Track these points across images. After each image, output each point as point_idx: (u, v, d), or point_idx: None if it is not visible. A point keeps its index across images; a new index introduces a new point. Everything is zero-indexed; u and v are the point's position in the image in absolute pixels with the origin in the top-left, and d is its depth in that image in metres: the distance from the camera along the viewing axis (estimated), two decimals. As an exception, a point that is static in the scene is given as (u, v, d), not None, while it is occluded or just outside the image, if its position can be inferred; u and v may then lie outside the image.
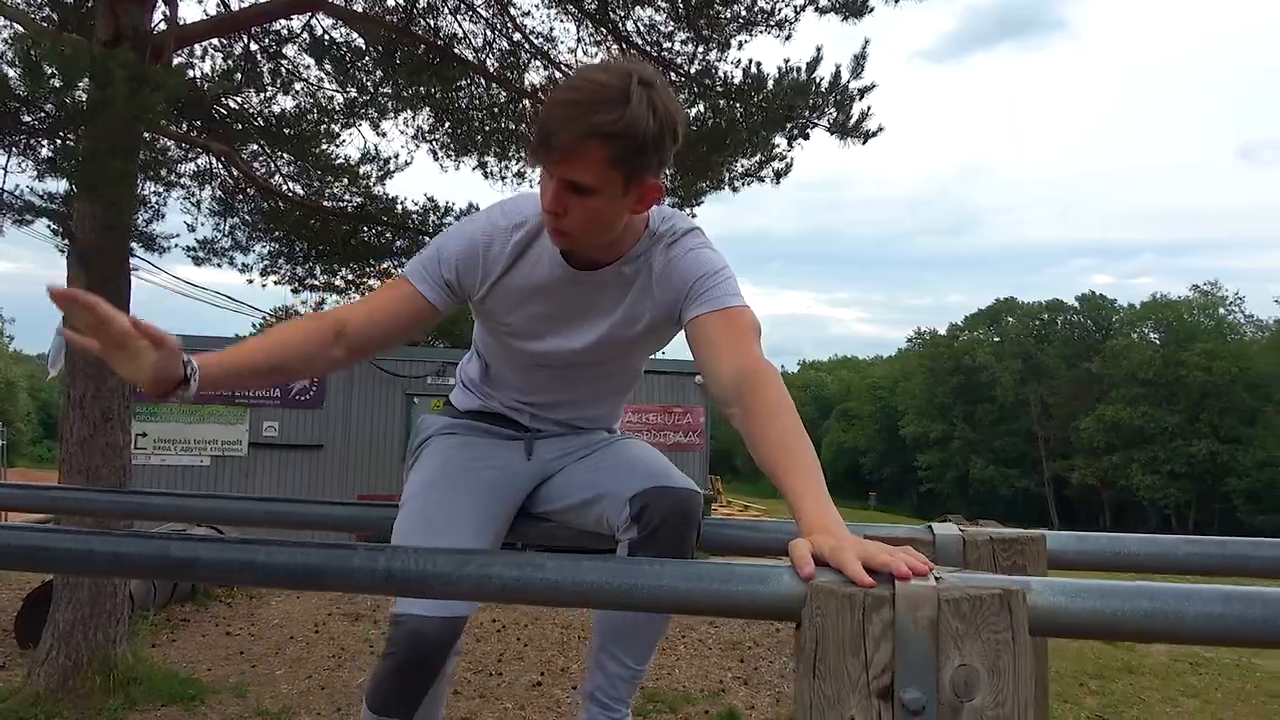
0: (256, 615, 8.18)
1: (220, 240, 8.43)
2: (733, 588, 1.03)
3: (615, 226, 1.47)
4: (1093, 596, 0.97)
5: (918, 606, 0.90)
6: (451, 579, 1.10)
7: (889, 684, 0.91)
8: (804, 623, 0.99)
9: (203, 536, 1.18)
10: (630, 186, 1.39)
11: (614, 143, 1.32)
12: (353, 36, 7.74)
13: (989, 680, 0.91)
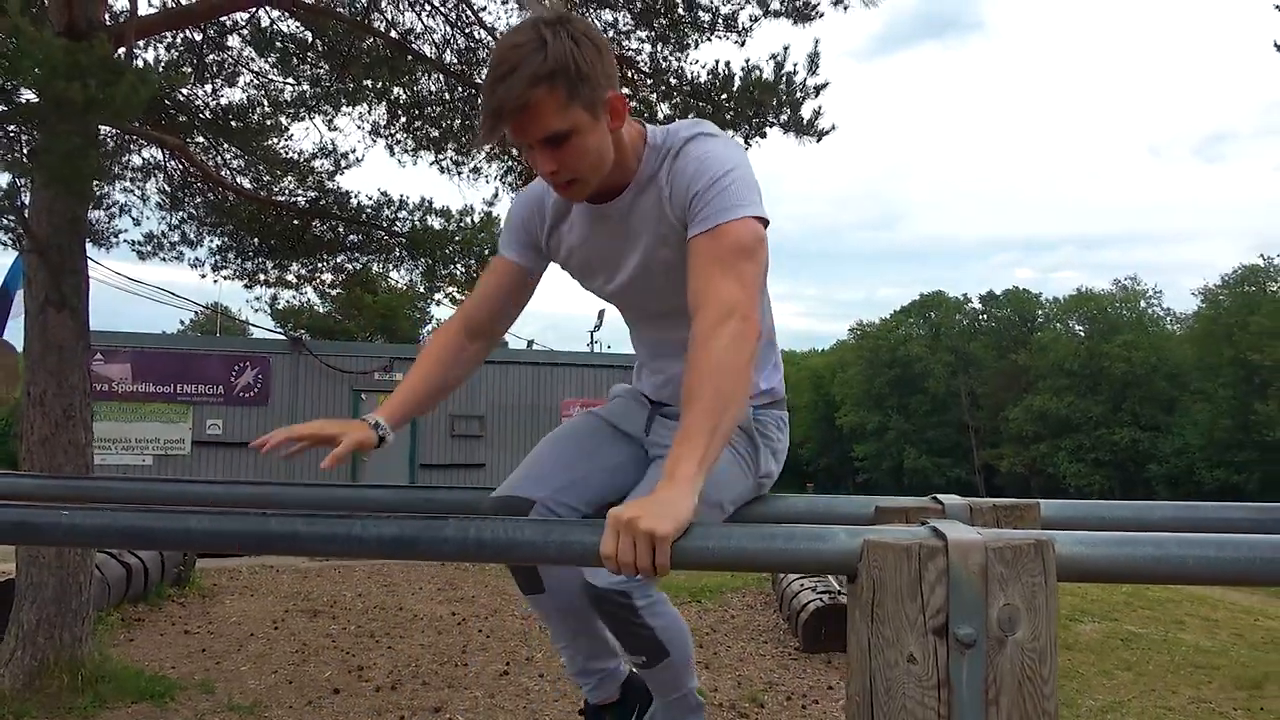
0: (213, 613, 8.10)
1: (168, 235, 8.31)
2: (796, 545, 1.17)
3: (608, 152, 1.48)
4: (1108, 545, 1.13)
5: (968, 554, 1.05)
6: (537, 545, 1.22)
7: (944, 623, 1.05)
8: (860, 575, 1.13)
9: (301, 512, 1.27)
10: (596, 110, 1.42)
11: (554, 80, 1.35)
12: (299, 29, 7.69)
13: (1027, 617, 1.06)
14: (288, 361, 13.56)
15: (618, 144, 1.51)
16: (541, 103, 1.36)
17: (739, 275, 1.38)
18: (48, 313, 5.24)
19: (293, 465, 13.08)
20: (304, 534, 1.23)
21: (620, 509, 1.17)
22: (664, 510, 1.16)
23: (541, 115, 1.38)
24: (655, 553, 1.14)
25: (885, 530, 1.16)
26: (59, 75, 3.66)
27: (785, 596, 8.34)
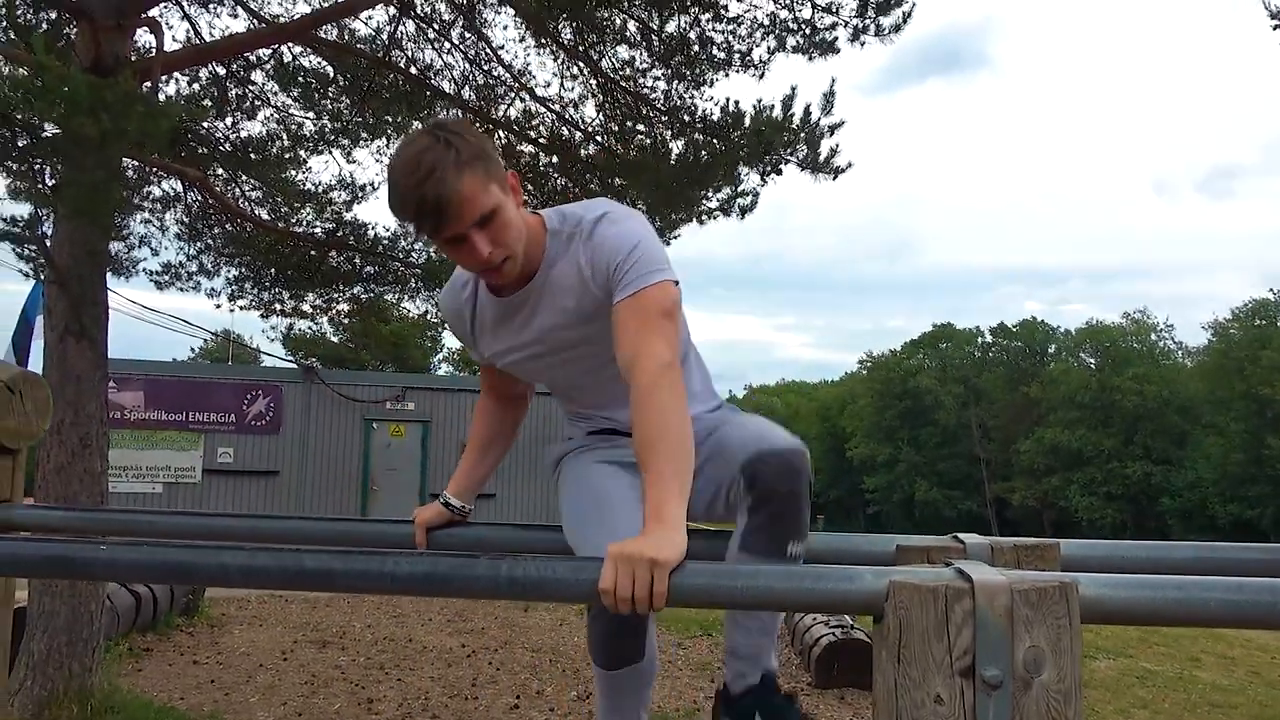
0: (221, 643, 8.09)
1: (185, 265, 8.40)
2: (824, 585, 1.18)
3: (523, 226, 1.60)
4: (1131, 588, 1.15)
5: (994, 596, 1.07)
6: (568, 583, 1.24)
7: (970, 664, 1.07)
8: (887, 615, 1.14)
9: (335, 550, 1.30)
10: (504, 187, 1.56)
11: (474, 165, 1.49)
12: (320, 64, 7.82)
13: (1053, 659, 1.07)
14: (300, 390, 13.63)
15: (524, 224, 1.63)
16: (471, 187, 1.49)
17: (664, 334, 1.52)
18: (67, 342, 5.30)
19: (304, 498, 13.11)
20: (338, 571, 1.26)
21: (618, 543, 1.22)
22: (662, 541, 1.22)
23: (474, 198, 1.49)
24: (654, 581, 1.18)
25: (911, 571, 1.18)
26: (80, 111, 3.73)
27: (797, 631, 8.29)
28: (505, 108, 6.52)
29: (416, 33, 6.59)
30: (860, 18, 5.49)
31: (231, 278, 8.08)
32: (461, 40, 7.02)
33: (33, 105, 3.46)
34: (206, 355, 46.21)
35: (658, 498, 1.31)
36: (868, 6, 5.40)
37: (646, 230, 1.64)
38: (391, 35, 6.42)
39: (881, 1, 5.24)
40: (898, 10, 5.40)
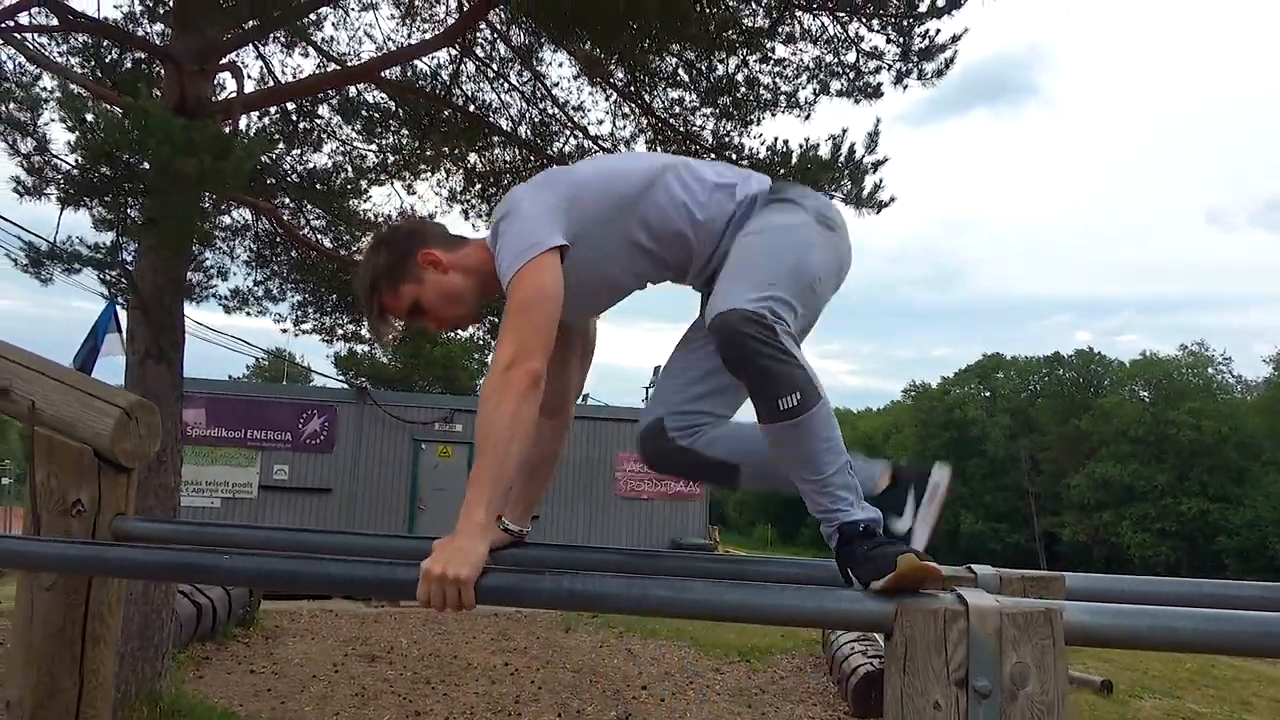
0: (276, 654, 8.38)
1: (253, 290, 8.79)
2: (840, 606, 1.37)
3: (453, 289, 1.82)
4: (1110, 615, 1.32)
5: (986, 618, 1.25)
6: (620, 597, 1.44)
7: (964, 676, 1.25)
8: (895, 633, 1.33)
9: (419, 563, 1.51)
10: (417, 276, 1.80)
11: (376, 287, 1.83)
12: (383, 98, 8.19)
13: (1037, 674, 1.25)
14: (353, 410, 14.03)
15: (466, 272, 1.83)
16: (385, 302, 1.84)
17: (513, 331, 1.61)
18: (147, 364, 5.65)
19: (354, 515, 13.44)
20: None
21: (427, 561, 1.44)
22: (462, 557, 1.43)
23: (391, 308, 1.85)
24: (461, 595, 1.42)
25: (917, 595, 1.36)
26: (178, 151, 4.05)
27: (836, 659, 8.36)
28: (560, 145, 6.78)
29: (476, 72, 6.90)
30: (903, 62, 5.67)
31: (296, 303, 8.44)
32: (519, 79, 7.34)
33: (139, 146, 3.77)
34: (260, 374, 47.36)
35: (468, 501, 1.51)
36: (910, 53, 5.58)
37: (520, 210, 1.72)
38: (453, 75, 6.74)
39: (925, 48, 5.42)
40: (941, 56, 5.58)
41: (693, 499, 15.47)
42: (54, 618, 2.19)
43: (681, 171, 1.83)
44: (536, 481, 2.09)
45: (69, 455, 2.24)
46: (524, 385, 1.57)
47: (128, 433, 2.27)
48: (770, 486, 1.88)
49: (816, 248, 1.75)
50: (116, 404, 2.27)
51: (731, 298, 1.59)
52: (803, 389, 1.54)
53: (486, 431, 1.54)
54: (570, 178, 1.81)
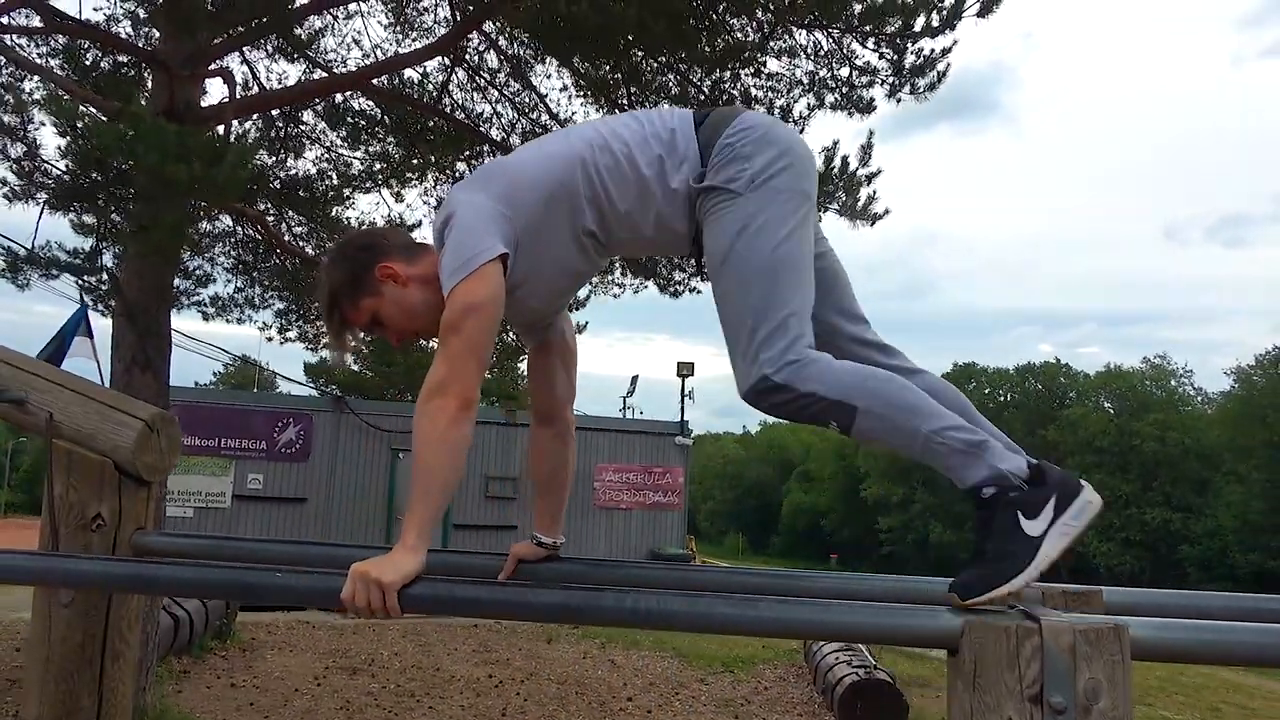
0: (255, 667, 8.26)
1: (234, 298, 8.68)
2: (905, 623, 1.38)
3: (411, 302, 1.76)
4: (1174, 630, 1.34)
5: (1059, 635, 1.26)
6: (682, 615, 1.44)
7: (1038, 692, 1.26)
8: (962, 649, 1.34)
9: (482, 580, 1.50)
10: (375, 289, 1.76)
11: (334, 304, 1.78)
12: (370, 106, 8.14)
13: (1108, 689, 1.26)
14: (329, 419, 13.90)
15: (425, 283, 1.76)
16: (344, 317, 1.80)
17: (445, 353, 1.59)
18: (133, 373, 5.56)
19: (330, 526, 13.29)
20: (485, 599, 1.47)
21: (360, 563, 1.46)
22: (393, 565, 1.45)
23: (352, 321, 1.81)
24: (385, 598, 1.43)
25: (982, 611, 1.37)
26: (170, 158, 4.00)
27: (819, 669, 8.39)
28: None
29: (468, 82, 6.89)
30: (897, 76, 5.74)
31: (278, 310, 8.35)
32: (504, 87, 7.32)
33: (130, 152, 3.72)
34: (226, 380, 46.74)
35: (405, 523, 1.52)
36: (904, 68, 5.64)
37: (458, 217, 1.66)
38: (444, 84, 6.71)
39: (918, 64, 5.49)
40: (933, 71, 5.65)
41: (671, 509, 15.49)
42: (74, 635, 2.15)
43: (608, 145, 1.72)
44: (556, 490, 2.07)
45: (89, 468, 2.20)
46: (454, 408, 1.55)
47: (149, 445, 2.24)
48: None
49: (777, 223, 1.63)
50: (138, 416, 2.24)
51: (738, 377, 1.63)
52: (835, 415, 1.56)
53: (419, 456, 1.53)
54: (507, 172, 1.74)
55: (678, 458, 15.67)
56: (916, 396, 1.57)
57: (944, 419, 1.55)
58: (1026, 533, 1.47)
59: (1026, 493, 1.50)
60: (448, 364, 1.57)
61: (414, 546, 1.50)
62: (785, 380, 1.56)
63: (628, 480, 15.16)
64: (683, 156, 1.71)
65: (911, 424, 1.55)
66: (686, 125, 1.74)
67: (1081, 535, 1.49)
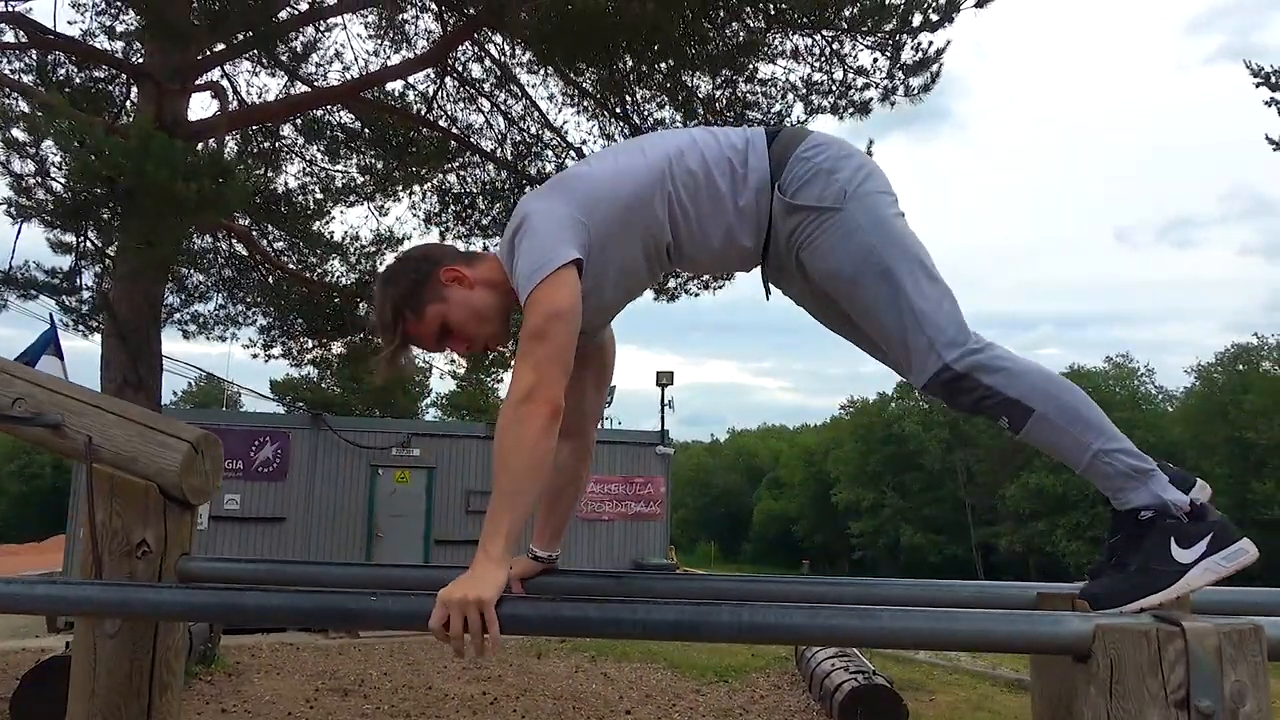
0: (244, 692, 8.08)
1: (214, 314, 8.53)
2: (1034, 629, 1.35)
3: (479, 306, 1.72)
4: (1306, 630, 1.32)
5: (1204, 637, 1.24)
6: (802, 629, 1.40)
7: (1184, 697, 1.24)
8: (1095, 655, 1.31)
9: (590, 598, 1.45)
10: (440, 295, 1.70)
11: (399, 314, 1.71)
12: (350, 119, 8.05)
13: (1253, 692, 1.25)
14: (307, 437, 13.67)
15: (490, 286, 1.73)
16: (409, 330, 1.72)
17: (531, 360, 1.53)
18: (125, 393, 5.42)
19: (310, 545, 13.09)
20: (595, 618, 1.42)
21: (447, 589, 1.38)
22: (483, 582, 1.38)
23: (417, 335, 1.74)
24: (484, 619, 1.36)
25: (1113, 615, 1.35)
26: (179, 175, 3.91)
27: (815, 676, 8.37)
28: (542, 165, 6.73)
29: (457, 93, 6.83)
30: (890, 79, 5.77)
31: (262, 327, 8.22)
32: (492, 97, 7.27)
33: (139, 168, 3.62)
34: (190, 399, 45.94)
35: (484, 535, 1.45)
36: (898, 68, 5.68)
37: (532, 224, 1.62)
38: (432, 95, 6.65)
39: (912, 63, 5.52)
40: (926, 71, 5.68)
41: (653, 519, 15.44)
42: (120, 665, 2.06)
43: (685, 159, 1.70)
44: (562, 507, 2.02)
45: (134, 493, 2.12)
46: (543, 417, 1.50)
47: (194, 468, 2.16)
48: None
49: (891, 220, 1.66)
50: (183, 438, 2.16)
51: (915, 368, 1.62)
52: (1009, 413, 1.56)
53: (504, 464, 1.48)
54: (584, 181, 1.70)
55: (659, 467, 15.64)
56: (1092, 410, 1.58)
57: (1117, 440, 1.56)
58: (1176, 558, 1.48)
59: (1185, 524, 1.51)
60: (535, 371, 1.52)
61: (500, 558, 1.44)
62: (967, 369, 1.56)
63: (609, 491, 15.09)
64: (754, 170, 1.70)
65: (1085, 439, 1.55)
66: (760, 141, 1.74)
67: (1227, 578, 1.50)
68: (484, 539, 1.46)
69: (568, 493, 2.02)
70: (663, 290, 7.05)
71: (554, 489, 1.99)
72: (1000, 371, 1.56)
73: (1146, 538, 1.50)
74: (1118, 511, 1.57)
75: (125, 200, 4.05)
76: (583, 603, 1.43)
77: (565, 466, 1.98)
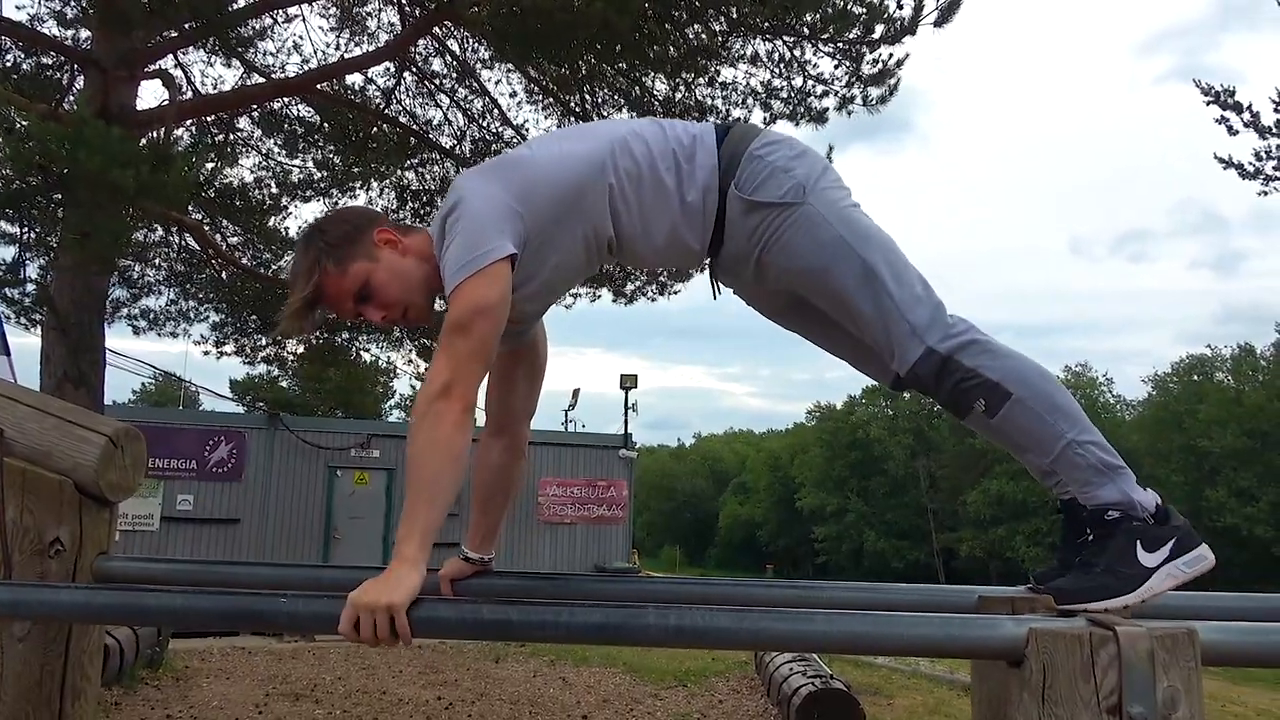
0: (191, 697, 7.89)
1: (165, 310, 8.35)
2: (970, 633, 1.31)
3: (408, 272, 1.64)
4: (1241, 634, 1.30)
5: (1136, 641, 1.21)
6: (730, 632, 1.35)
7: (1117, 703, 1.20)
8: (1028, 660, 1.27)
9: (512, 600, 1.39)
10: (370, 253, 1.61)
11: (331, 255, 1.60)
12: (309, 113, 7.91)
13: (1185, 697, 1.21)
14: (263, 437, 13.46)
15: (421, 258, 1.65)
16: (325, 283, 1.61)
17: (451, 353, 1.47)
18: (65, 389, 5.27)
19: (265, 547, 12.87)
20: (516, 621, 1.36)
21: (357, 591, 1.32)
22: (396, 583, 1.32)
23: (334, 291, 1.62)
24: (393, 621, 1.30)
25: (1045, 619, 1.32)
26: (115, 163, 3.79)
27: (773, 681, 8.35)
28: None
29: (416, 88, 6.74)
30: (849, 88, 5.77)
31: (214, 324, 8.05)
32: (452, 94, 7.19)
33: (73, 156, 3.50)
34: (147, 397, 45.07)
35: (400, 535, 1.40)
36: (857, 77, 5.68)
37: (469, 207, 1.54)
38: (392, 89, 6.56)
39: (873, 74, 5.52)
40: (885, 83, 5.69)
41: (615, 522, 15.37)
42: (29, 672, 1.96)
43: (629, 148, 1.63)
44: (494, 508, 1.96)
45: (47, 489, 2.02)
46: (456, 413, 1.43)
47: (113, 463, 2.07)
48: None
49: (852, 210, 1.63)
50: (101, 431, 2.07)
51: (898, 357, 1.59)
52: (986, 396, 1.53)
53: (417, 462, 1.41)
54: (524, 166, 1.62)
55: (622, 471, 15.58)
56: (1068, 400, 1.56)
57: (1090, 432, 1.54)
58: (1141, 562, 1.47)
59: (1150, 527, 1.51)
60: (452, 366, 1.46)
61: (414, 560, 1.37)
62: (950, 351, 1.54)
63: (571, 494, 15.00)
64: (701, 166, 1.64)
65: (1058, 427, 1.53)
66: (709, 137, 1.68)
67: (1185, 584, 1.52)
68: (399, 540, 1.40)
69: (500, 493, 1.95)
70: (620, 293, 7.00)
71: (486, 489, 1.93)
72: (983, 353, 1.54)
73: (1113, 539, 1.49)
74: (1084, 507, 1.55)
75: (60, 189, 3.93)
76: (505, 605, 1.37)
77: (497, 465, 1.92)
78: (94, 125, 3.74)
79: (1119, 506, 1.51)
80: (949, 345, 1.55)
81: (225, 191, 8.17)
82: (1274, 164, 10.18)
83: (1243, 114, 9.80)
